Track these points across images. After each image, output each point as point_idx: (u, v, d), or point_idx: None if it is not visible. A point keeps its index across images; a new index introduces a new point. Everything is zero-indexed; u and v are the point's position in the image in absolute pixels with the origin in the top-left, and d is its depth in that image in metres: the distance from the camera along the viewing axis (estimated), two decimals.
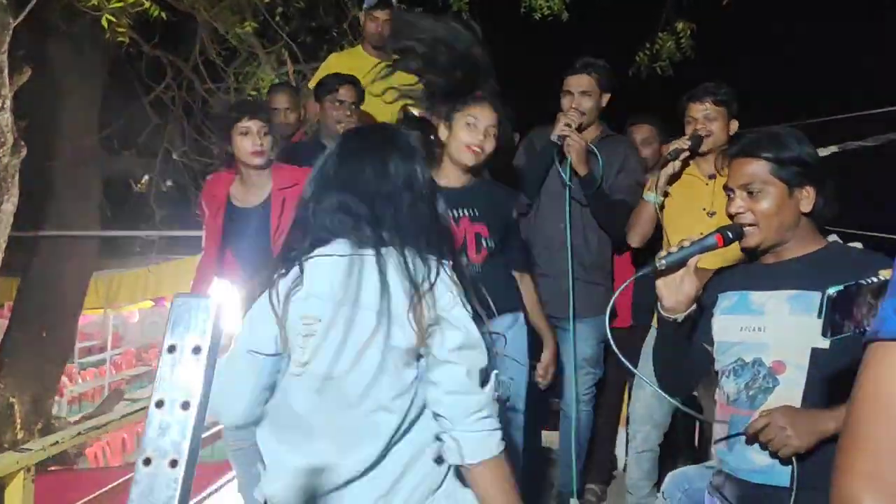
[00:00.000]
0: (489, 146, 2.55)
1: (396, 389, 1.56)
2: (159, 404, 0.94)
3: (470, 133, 2.54)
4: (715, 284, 2.06)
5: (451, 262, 1.64)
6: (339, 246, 1.61)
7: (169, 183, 7.91)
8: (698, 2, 7.15)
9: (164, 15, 4.70)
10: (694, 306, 1.91)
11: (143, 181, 7.26)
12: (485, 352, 1.59)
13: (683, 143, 2.91)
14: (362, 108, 3.70)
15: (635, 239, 3.12)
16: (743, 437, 1.86)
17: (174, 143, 6.54)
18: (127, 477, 4.05)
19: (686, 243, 1.85)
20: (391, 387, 1.56)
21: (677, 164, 2.93)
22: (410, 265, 1.56)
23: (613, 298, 1.83)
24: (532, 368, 2.84)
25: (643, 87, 7.08)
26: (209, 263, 3.16)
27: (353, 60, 4.09)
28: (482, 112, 2.55)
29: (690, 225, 2.77)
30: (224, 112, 3.22)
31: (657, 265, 1.84)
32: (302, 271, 1.60)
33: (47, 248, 6.39)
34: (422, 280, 1.55)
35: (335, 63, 4.19)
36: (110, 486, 3.76)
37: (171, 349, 0.96)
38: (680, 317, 1.90)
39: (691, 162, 3.01)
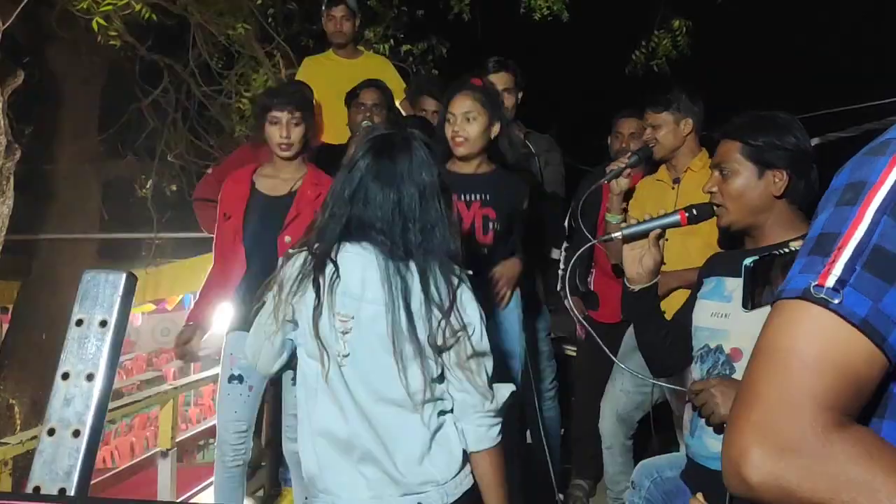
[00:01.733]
0: (472, 131, 2.69)
1: (424, 378, 1.75)
2: (65, 376, 0.96)
3: (449, 127, 2.72)
4: (704, 269, 2.09)
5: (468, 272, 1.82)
6: (366, 249, 1.77)
7: (174, 188, 7.96)
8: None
9: (155, 17, 4.74)
10: (655, 281, 1.94)
11: (147, 186, 7.30)
12: (491, 356, 1.81)
13: (621, 162, 2.98)
14: (337, 108, 3.78)
15: (612, 255, 3.16)
16: (703, 423, 1.87)
17: (171, 146, 6.59)
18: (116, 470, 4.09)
19: (647, 217, 1.88)
20: (418, 376, 1.75)
21: (622, 181, 2.98)
22: (431, 278, 1.74)
23: (564, 275, 1.86)
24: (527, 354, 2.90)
25: (639, 86, 7.08)
26: (222, 273, 2.94)
27: (325, 61, 4.21)
28: (455, 104, 2.72)
29: None
30: (262, 97, 3.13)
31: (614, 235, 1.87)
32: (336, 267, 1.75)
33: (47, 251, 6.45)
34: (445, 293, 1.74)
35: (310, 67, 4.27)
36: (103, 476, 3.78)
37: (79, 323, 0.98)
38: (636, 288, 1.93)
39: (662, 167, 3.06)
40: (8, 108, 4.86)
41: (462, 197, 2.69)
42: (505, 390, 1.85)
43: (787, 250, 1.19)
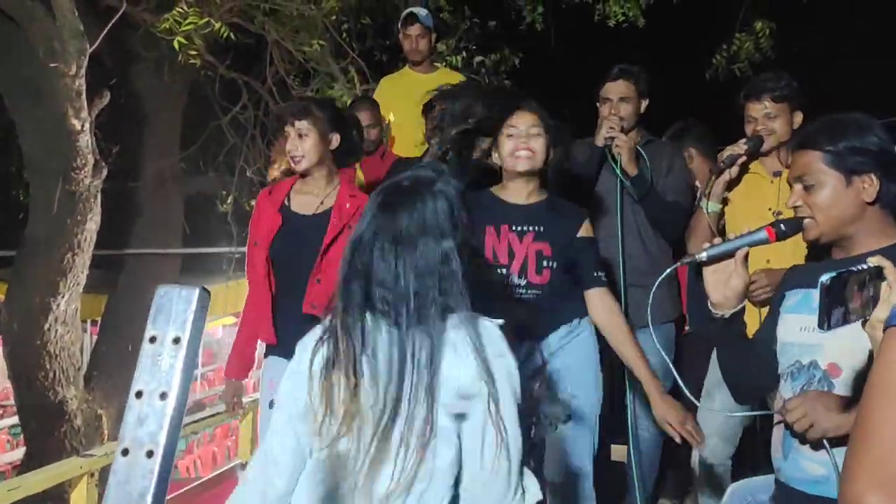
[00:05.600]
0: (537, 145, 2.49)
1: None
2: (138, 395, 0.94)
3: (512, 141, 2.51)
4: (784, 282, 1.98)
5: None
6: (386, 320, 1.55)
7: (253, 203, 8.11)
8: (777, 0, 6.92)
9: (233, 36, 4.84)
10: (744, 304, 1.81)
11: (228, 202, 7.47)
12: (519, 449, 1.53)
13: (739, 147, 2.78)
14: (416, 125, 3.74)
15: (696, 247, 3.01)
16: (797, 445, 1.77)
17: (250, 162, 6.72)
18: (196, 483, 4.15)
19: (731, 236, 1.77)
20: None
21: (734, 170, 2.80)
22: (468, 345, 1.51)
23: (651, 294, 1.75)
24: (605, 379, 2.74)
25: (720, 90, 6.87)
26: (255, 314, 2.81)
27: (401, 80, 4.20)
28: (519, 119, 2.52)
29: (755, 226, 2.66)
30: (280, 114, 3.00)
31: (698, 257, 1.75)
32: (363, 344, 1.54)
33: (132, 266, 6.66)
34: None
35: (386, 86, 4.26)
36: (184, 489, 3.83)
37: (152, 340, 0.96)
38: (727, 313, 1.81)
39: (756, 160, 2.90)
40: (95, 128, 5.04)
41: (513, 228, 2.50)
42: (534, 487, 1.57)
43: (862, 267, 1.10)
